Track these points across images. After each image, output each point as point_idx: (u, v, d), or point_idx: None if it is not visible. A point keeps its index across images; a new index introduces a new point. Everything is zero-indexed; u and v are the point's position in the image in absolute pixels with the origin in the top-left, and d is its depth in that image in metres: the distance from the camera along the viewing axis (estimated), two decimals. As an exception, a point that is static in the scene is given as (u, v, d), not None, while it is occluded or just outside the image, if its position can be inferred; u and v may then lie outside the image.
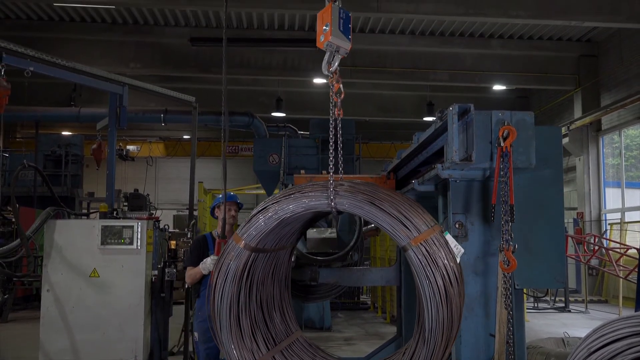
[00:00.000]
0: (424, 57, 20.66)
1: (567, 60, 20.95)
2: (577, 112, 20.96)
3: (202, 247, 6.02)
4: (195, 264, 5.83)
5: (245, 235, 4.07)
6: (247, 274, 4.22)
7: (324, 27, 4.02)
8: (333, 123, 4.11)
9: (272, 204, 4.03)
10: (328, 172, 4.00)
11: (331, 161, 4.06)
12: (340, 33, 4.01)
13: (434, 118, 4.53)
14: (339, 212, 4.04)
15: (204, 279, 5.79)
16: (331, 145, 4.11)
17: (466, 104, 4.08)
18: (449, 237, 3.80)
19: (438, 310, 3.53)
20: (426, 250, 3.59)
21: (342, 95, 4.19)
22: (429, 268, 3.56)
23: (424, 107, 23.76)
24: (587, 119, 19.91)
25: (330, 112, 4.16)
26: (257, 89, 24.04)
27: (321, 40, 4.05)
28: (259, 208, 4.09)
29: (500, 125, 3.98)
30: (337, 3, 4.06)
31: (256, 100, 24.18)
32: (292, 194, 4.03)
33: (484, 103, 23.85)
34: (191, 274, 5.87)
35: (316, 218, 4.68)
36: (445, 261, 3.63)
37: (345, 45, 4.04)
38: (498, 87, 23.28)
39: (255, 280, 4.35)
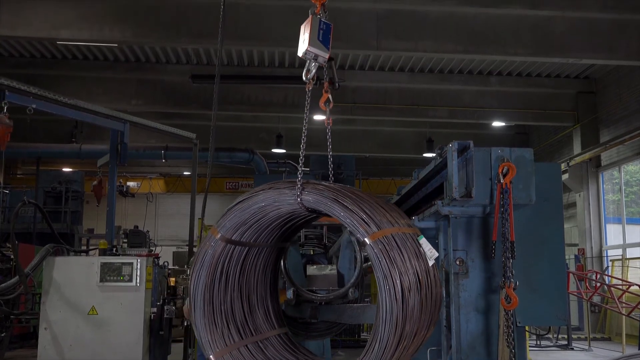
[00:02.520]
0: (423, 94, 20.80)
1: (565, 97, 21.10)
2: (577, 148, 21.02)
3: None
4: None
5: (220, 228, 4.27)
6: (223, 264, 4.38)
7: (304, 37, 4.23)
8: (306, 124, 4.42)
9: (246, 198, 4.19)
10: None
11: (301, 159, 4.27)
12: (318, 43, 4.23)
13: (434, 154, 4.55)
14: (308, 210, 4.09)
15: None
16: (302, 145, 4.33)
17: (465, 141, 4.10)
18: (423, 240, 3.80)
19: (392, 307, 3.49)
20: (384, 246, 3.58)
21: (331, 105, 4.45)
22: (384, 262, 3.53)
23: (423, 143, 23.87)
24: (587, 155, 19.97)
25: (305, 116, 4.43)
26: (257, 125, 24.19)
27: (300, 49, 4.29)
28: (235, 202, 4.26)
29: (500, 161, 3.99)
30: (319, 15, 4.26)
31: (257, 136, 24.31)
32: (264, 189, 4.16)
33: (484, 139, 23.96)
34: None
35: (299, 222, 4.70)
36: (408, 259, 3.61)
37: (324, 54, 4.28)
38: (497, 124, 23.40)
39: (233, 271, 4.48)
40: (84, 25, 14.70)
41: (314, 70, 4.36)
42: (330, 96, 4.41)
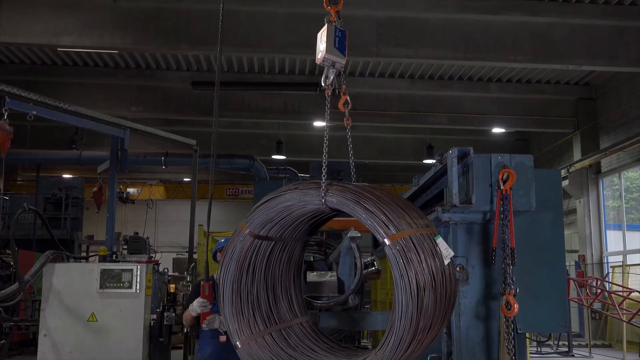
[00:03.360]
0: (423, 100, 20.82)
1: (565, 104, 21.10)
2: (577, 154, 21.03)
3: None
4: (194, 306, 5.78)
5: (248, 224, 4.52)
6: (250, 257, 4.64)
7: (321, 45, 4.39)
8: (327, 129, 4.50)
9: (272, 197, 4.43)
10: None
11: (324, 162, 4.41)
12: (335, 50, 4.41)
13: (434, 161, 4.55)
14: (332, 209, 4.24)
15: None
16: (325, 148, 4.44)
17: (465, 147, 4.11)
18: (439, 240, 3.89)
19: (408, 304, 3.65)
20: (402, 247, 3.73)
21: (349, 106, 4.60)
22: (401, 262, 3.68)
23: (423, 149, 23.87)
24: (587, 162, 19.97)
25: (326, 121, 4.55)
26: (257, 131, 24.20)
27: (318, 57, 4.44)
28: (263, 200, 4.50)
29: (500, 168, 4.00)
30: (334, 23, 4.42)
31: (257, 143, 24.31)
32: (291, 189, 4.38)
33: (483, 146, 23.96)
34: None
35: (323, 218, 4.87)
36: (424, 260, 3.75)
37: (340, 61, 4.46)
38: (497, 130, 23.41)
39: (259, 264, 4.73)
40: (85, 31, 14.73)
41: (332, 77, 4.51)
42: (348, 97, 4.56)
